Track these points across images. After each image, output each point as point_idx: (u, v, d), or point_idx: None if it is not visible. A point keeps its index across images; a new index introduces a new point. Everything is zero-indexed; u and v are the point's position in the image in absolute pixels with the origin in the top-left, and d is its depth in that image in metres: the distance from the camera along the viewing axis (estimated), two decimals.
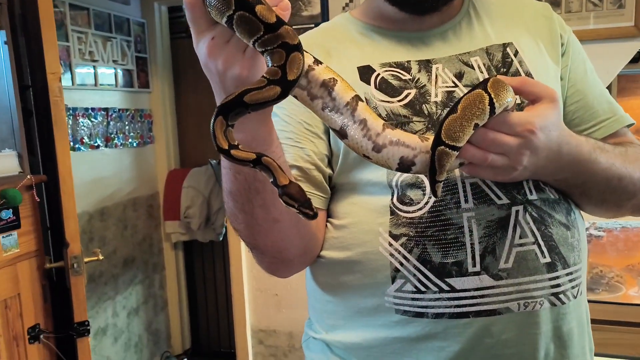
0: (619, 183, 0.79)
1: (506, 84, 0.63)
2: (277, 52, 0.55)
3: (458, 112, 0.61)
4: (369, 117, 0.65)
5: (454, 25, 0.87)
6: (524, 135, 0.64)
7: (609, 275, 2.00)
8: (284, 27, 0.55)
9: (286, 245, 0.80)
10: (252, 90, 0.55)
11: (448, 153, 0.62)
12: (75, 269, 1.60)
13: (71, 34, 2.56)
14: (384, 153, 0.66)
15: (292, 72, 0.55)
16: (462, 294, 0.75)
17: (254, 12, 0.54)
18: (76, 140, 2.62)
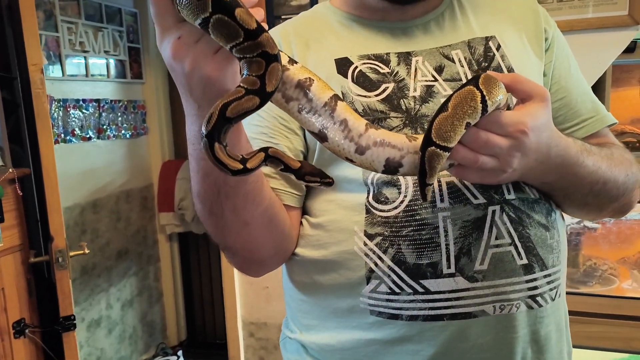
0: (603, 187, 0.78)
1: (498, 81, 0.60)
2: (256, 61, 0.52)
3: (449, 110, 0.58)
4: (350, 117, 0.62)
5: (436, 16, 0.85)
6: (516, 136, 0.61)
7: (602, 267, 1.99)
8: (264, 35, 0.51)
9: (257, 246, 0.79)
10: (231, 102, 0.52)
11: (439, 154, 0.58)
12: (60, 263, 1.59)
13: (61, 24, 2.53)
14: (368, 155, 0.62)
15: (270, 84, 0.52)
16: (436, 296, 0.74)
17: (233, 16, 0.49)
18: (67, 132, 2.60)
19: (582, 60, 1.55)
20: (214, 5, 0.49)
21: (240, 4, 0.50)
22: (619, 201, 0.82)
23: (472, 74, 0.80)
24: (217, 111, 0.52)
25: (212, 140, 0.53)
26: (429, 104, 0.78)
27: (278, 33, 0.87)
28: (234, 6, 0.50)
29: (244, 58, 0.52)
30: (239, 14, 0.50)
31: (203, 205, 0.72)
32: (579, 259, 2.04)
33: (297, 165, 0.62)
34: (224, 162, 0.54)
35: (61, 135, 2.56)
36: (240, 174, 0.56)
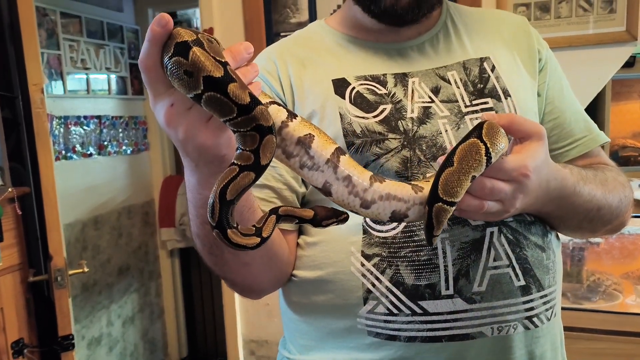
0: (597, 213, 0.79)
1: (500, 129, 0.60)
2: (250, 135, 0.51)
3: (455, 165, 0.58)
4: (354, 172, 0.61)
5: (431, 37, 0.86)
6: (519, 180, 0.61)
7: (606, 282, 1.97)
8: (258, 108, 0.50)
9: (257, 281, 0.80)
10: (228, 184, 0.51)
11: (446, 209, 0.58)
12: (59, 282, 1.58)
13: (63, 42, 2.55)
14: (374, 208, 0.61)
15: (265, 157, 0.52)
16: (435, 317, 0.74)
17: (226, 92, 0.48)
18: (68, 148, 2.60)
19: (582, 76, 1.56)
20: (205, 83, 0.48)
21: (233, 79, 0.49)
22: (612, 224, 0.83)
23: (468, 95, 0.80)
24: (217, 199, 0.52)
25: (223, 229, 0.53)
26: (427, 125, 0.78)
27: (274, 51, 0.88)
28: (226, 82, 0.48)
29: (238, 132, 0.51)
30: (231, 89, 0.48)
31: (202, 245, 0.72)
32: (582, 274, 2.03)
33: (310, 214, 0.62)
34: (241, 245, 0.54)
35: (62, 152, 2.56)
36: (259, 247, 0.57)
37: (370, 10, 0.82)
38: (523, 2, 1.55)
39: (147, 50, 0.50)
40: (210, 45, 0.50)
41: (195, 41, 0.49)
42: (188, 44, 0.48)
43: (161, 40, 0.49)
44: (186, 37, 0.49)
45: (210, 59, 0.48)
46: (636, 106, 2.02)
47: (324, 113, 0.79)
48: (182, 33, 0.49)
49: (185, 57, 0.48)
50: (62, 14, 2.55)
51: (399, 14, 0.80)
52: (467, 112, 0.79)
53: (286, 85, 0.83)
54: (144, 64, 0.51)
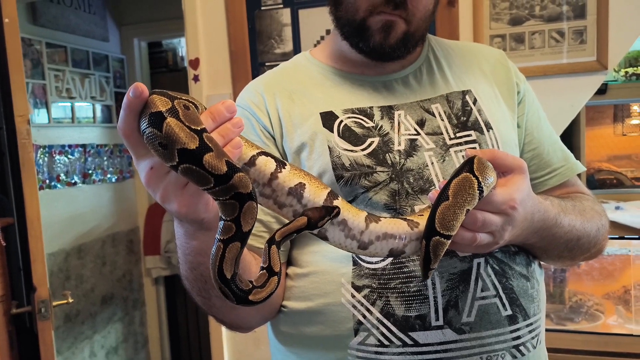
0: (577, 242, 0.81)
1: (489, 164, 0.62)
2: (229, 203, 0.50)
3: (450, 199, 0.59)
4: (348, 215, 0.61)
5: (414, 71, 0.88)
6: (508, 212, 0.63)
7: (588, 303, 2.00)
8: (236, 176, 0.49)
9: (246, 321, 0.81)
10: (221, 264, 0.52)
11: (443, 243, 0.60)
12: (42, 314, 1.56)
13: (48, 72, 2.56)
14: (372, 249, 0.62)
15: (246, 224, 0.52)
16: (425, 348, 0.74)
17: (201, 164, 0.48)
18: (52, 177, 2.59)
19: (556, 103, 1.62)
20: (180, 155, 0.48)
21: (209, 148, 0.48)
22: (590, 252, 0.86)
23: (452, 128, 0.82)
24: (221, 283, 0.53)
25: (243, 300, 0.55)
26: (414, 158, 0.79)
27: (261, 84, 0.89)
28: (202, 154, 0.48)
29: (218, 200, 0.51)
30: (207, 161, 0.48)
31: (191, 287, 0.73)
32: (565, 295, 2.05)
33: (304, 221, 0.60)
34: (253, 301, 0.55)
35: (46, 182, 2.55)
36: (277, 286, 0.58)
37: (359, 47, 0.84)
38: (498, 34, 1.61)
39: (124, 118, 0.51)
40: (186, 113, 0.49)
41: (169, 110, 0.48)
42: (162, 115, 0.48)
43: (136, 108, 0.50)
44: (160, 107, 0.48)
45: (185, 129, 0.48)
46: (609, 131, 2.09)
47: (313, 146, 0.80)
48: (157, 102, 0.49)
49: (159, 129, 0.47)
50: (47, 44, 2.56)
51: (387, 52, 0.82)
52: (452, 145, 0.81)
53: (274, 119, 0.84)
54: (122, 131, 0.51)
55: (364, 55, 0.85)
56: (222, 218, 0.52)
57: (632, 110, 2.07)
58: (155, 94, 0.50)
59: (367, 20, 0.81)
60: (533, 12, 1.58)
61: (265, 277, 0.57)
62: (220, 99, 1.93)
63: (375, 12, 0.80)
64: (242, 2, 1.88)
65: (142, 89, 0.49)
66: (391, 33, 0.81)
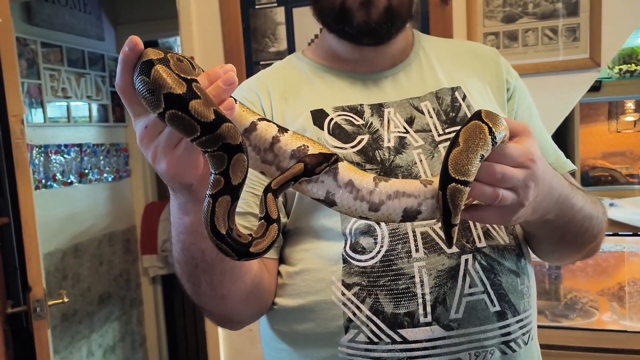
0: (590, 222, 0.79)
1: (498, 116, 0.59)
2: (217, 155, 0.49)
3: (461, 144, 0.56)
4: (355, 176, 0.58)
5: (404, 68, 0.88)
6: (528, 165, 0.59)
7: (583, 300, 2.01)
8: (224, 125, 0.48)
9: (235, 314, 0.80)
10: (212, 219, 0.51)
11: (460, 190, 0.55)
12: (38, 313, 1.57)
13: (43, 71, 2.56)
14: (384, 210, 0.58)
15: (236, 177, 0.50)
16: (414, 345, 0.75)
17: (187, 110, 0.47)
18: (48, 177, 2.59)
19: (550, 100, 1.62)
20: (166, 101, 0.47)
21: (196, 95, 0.47)
22: (596, 240, 0.84)
23: (441, 124, 0.83)
24: (212, 236, 0.52)
25: (243, 253, 0.53)
26: (403, 155, 0.80)
27: (255, 83, 0.89)
28: (188, 99, 0.47)
29: (207, 152, 0.50)
30: (193, 107, 0.47)
31: (182, 271, 0.73)
32: (560, 292, 2.06)
33: (301, 168, 0.57)
34: (255, 253, 0.54)
35: (42, 181, 2.55)
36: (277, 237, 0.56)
37: (345, 32, 0.84)
38: (492, 32, 1.62)
39: (120, 72, 0.51)
40: (177, 64, 0.49)
41: (160, 60, 0.48)
42: (152, 62, 0.48)
43: (131, 62, 0.50)
44: (152, 56, 0.48)
45: (173, 75, 0.47)
46: (604, 128, 2.10)
47: None
48: (150, 52, 0.49)
49: (148, 75, 0.47)
50: (42, 43, 2.56)
51: (373, 29, 0.82)
52: (441, 141, 0.81)
53: (268, 116, 0.85)
54: (118, 86, 0.52)
55: (353, 41, 0.85)
56: (212, 172, 0.51)
57: (627, 107, 2.08)
58: (149, 47, 0.50)
59: (346, 3, 0.81)
60: (526, 10, 1.58)
61: (263, 226, 0.55)
62: None
63: None
64: (236, 0, 1.88)
65: (136, 41, 0.49)
66: (371, 9, 0.81)
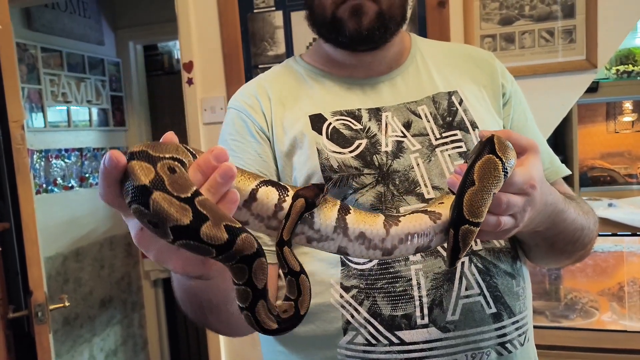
0: (581, 233, 0.80)
1: (509, 144, 0.59)
2: (237, 267, 0.47)
3: (477, 184, 0.56)
4: (365, 226, 0.57)
5: (401, 72, 0.89)
6: (529, 192, 0.61)
7: (583, 300, 2.01)
8: (238, 240, 0.45)
9: (238, 331, 0.80)
10: (261, 325, 0.52)
11: (472, 231, 0.56)
12: (39, 318, 1.57)
13: (43, 76, 2.57)
14: (396, 253, 0.59)
15: (260, 281, 0.49)
16: (411, 346, 0.75)
17: (198, 238, 0.43)
18: (49, 182, 2.60)
19: (547, 102, 1.63)
20: (174, 232, 0.43)
21: (205, 218, 0.43)
22: (586, 248, 0.85)
23: (438, 128, 0.83)
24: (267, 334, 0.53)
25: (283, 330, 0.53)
26: (400, 160, 0.80)
27: (254, 88, 0.90)
28: (197, 227, 0.43)
29: (225, 264, 0.48)
30: (204, 232, 0.43)
31: (185, 308, 0.73)
32: (560, 293, 2.07)
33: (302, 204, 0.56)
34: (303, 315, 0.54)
35: (43, 186, 2.56)
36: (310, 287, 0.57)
37: (339, 42, 0.84)
38: (489, 34, 1.62)
39: (103, 187, 0.45)
40: (172, 179, 0.44)
41: (154, 182, 0.43)
42: (147, 189, 0.43)
43: (116, 178, 0.45)
44: (143, 179, 0.43)
45: (174, 202, 0.43)
46: (602, 129, 2.11)
47: (302, 149, 0.81)
48: (138, 171, 0.43)
49: (146, 206, 0.42)
50: (42, 48, 2.58)
51: (365, 37, 0.82)
52: (438, 145, 0.82)
53: (269, 120, 0.85)
54: (104, 199, 0.46)
55: (348, 49, 0.85)
56: (235, 282, 0.49)
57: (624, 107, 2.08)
58: (135, 159, 0.44)
59: (336, 13, 0.82)
60: (523, 12, 1.59)
61: (293, 283, 0.55)
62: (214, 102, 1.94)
63: (341, 3, 0.81)
64: (234, 4, 1.89)
65: (117, 158, 0.43)
66: (362, 16, 0.81)
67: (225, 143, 0.87)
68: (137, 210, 0.43)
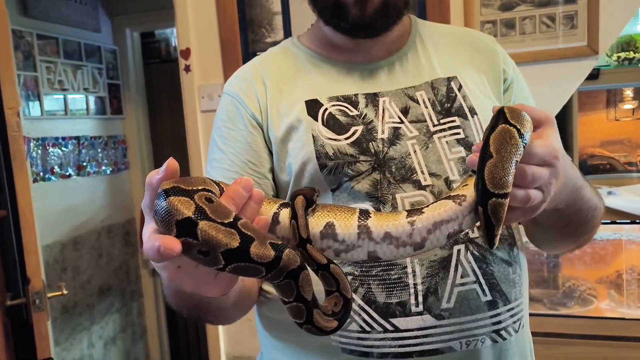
0: (593, 213, 0.80)
1: (523, 113, 0.57)
2: (285, 284, 0.48)
3: (495, 155, 0.54)
4: (389, 225, 0.57)
5: (400, 57, 0.87)
6: (553, 163, 0.59)
7: (581, 288, 2.02)
8: (284, 255, 0.46)
9: (235, 319, 0.81)
10: (321, 329, 0.53)
11: (502, 203, 0.54)
12: (37, 305, 1.57)
13: (39, 64, 2.55)
14: (428, 244, 0.57)
15: (308, 293, 0.50)
16: (405, 334, 0.75)
17: (249, 258, 0.45)
18: (46, 170, 2.59)
19: (548, 89, 1.62)
20: (225, 257, 0.44)
21: (250, 238, 0.45)
22: (592, 231, 0.85)
23: (436, 114, 0.82)
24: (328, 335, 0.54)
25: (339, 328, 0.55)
26: (396, 147, 0.79)
27: (250, 72, 0.88)
28: (247, 247, 0.44)
29: (272, 283, 0.49)
30: (254, 252, 0.45)
31: (179, 308, 0.73)
32: (558, 280, 2.07)
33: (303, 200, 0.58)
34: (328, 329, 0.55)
35: (40, 174, 2.55)
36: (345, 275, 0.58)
37: (341, 27, 0.83)
38: (489, 20, 1.61)
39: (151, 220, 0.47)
40: (212, 208, 0.45)
41: (197, 212, 0.44)
42: (192, 221, 0.44)
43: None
44: (186, 212, 0.44)
45: (220, 228, 0.44)
46: (602, 116, 2.10)
47: (298, 135, 0.80)
48: (179, 205, 0.44)
49: (195, 237, 0.44)
50: (38, 36, 2.55)
51: (367, 24, 0.81)
52: (435, 132, 0.81)
53: (263, 106, 0.84)
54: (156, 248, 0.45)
55: (348, 35, 0.84)
56: (284, 301, 0.50)
57: (625, 94, 2.07)
58: (171, 195, 0.45)
59: None
60: None
61: (327, 276, 0.56)
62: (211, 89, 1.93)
63: None
64: None
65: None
66: (367, 4, 0.79)
67: (218, 129, 0.87)
68: (186, 242, 0.44)
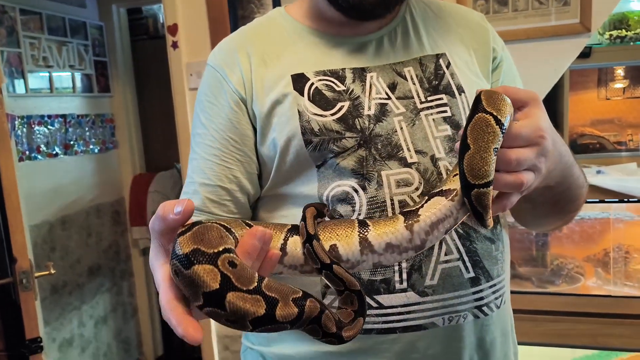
0: (581, 191, 0.81)
1: (498, 94, 0.57)
2: (310, 328, 0.51)
3: (472, 147, 0.55)
4: (389, 236, 0.58)
5: (389, 32, 0.86)
6: (538, 142, 0.59)
7: (568, 266, 2.04)
8: (307, 308, 0.49)
9: None
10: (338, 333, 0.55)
11: (484, 192, 0.55)
12: (24, 285, 1.56)
13: (23, 40, 2.49)
14: (428, 244, 0.59)
15: (330, 328, 0.52)
16: (389, 310, 0.76)
17: (275, 321, 0.46)
18: (32, 149, 2.55)
19: (540, 67, 1.60)
20: (253, 324, 0.46)
21: (274, 302, 0.47)
22: (578, 210, 0.86)
23: (424, 91, 0.81)
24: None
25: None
26: (383, 123, 0.78)
27: (234, 43, 0.86)
28: (272, 313, 0.46)
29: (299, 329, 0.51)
30: (279, 315, 0.47)
31: None
32: (546, 259, 2.09)
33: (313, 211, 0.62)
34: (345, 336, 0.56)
35: (26, 153, 2.51)
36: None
37: (338, 4, 0.81)
38: None
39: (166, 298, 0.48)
40: (236, 274, 0.46)
41: (223, 283, 0.44)
42: (220, 294, 0.44)
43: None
44: (213, 284, 0.44)
45: (247, 297, 0.45)
46: (593, 95, 2.09)
47: (283, 109, 0.79)
48: (205, 277, 0.44)
49: (223, 308, 0.44)
50: (21, 10, 2.49)
51: (367, 9, 0.79)
52: (422, 109, 0.80)
53: (247, 79, 0.82)
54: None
55: (342, 13, 0.82)
56: (315, 338, 0.53)
57: (616, 73, 2.06)
58: (195, 262, 0.45)
59: None
60: None
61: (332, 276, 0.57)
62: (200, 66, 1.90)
63: None
64: None
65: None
66: None
67: (201, 103, 0.85)
68: (213, 312, 0.45)
